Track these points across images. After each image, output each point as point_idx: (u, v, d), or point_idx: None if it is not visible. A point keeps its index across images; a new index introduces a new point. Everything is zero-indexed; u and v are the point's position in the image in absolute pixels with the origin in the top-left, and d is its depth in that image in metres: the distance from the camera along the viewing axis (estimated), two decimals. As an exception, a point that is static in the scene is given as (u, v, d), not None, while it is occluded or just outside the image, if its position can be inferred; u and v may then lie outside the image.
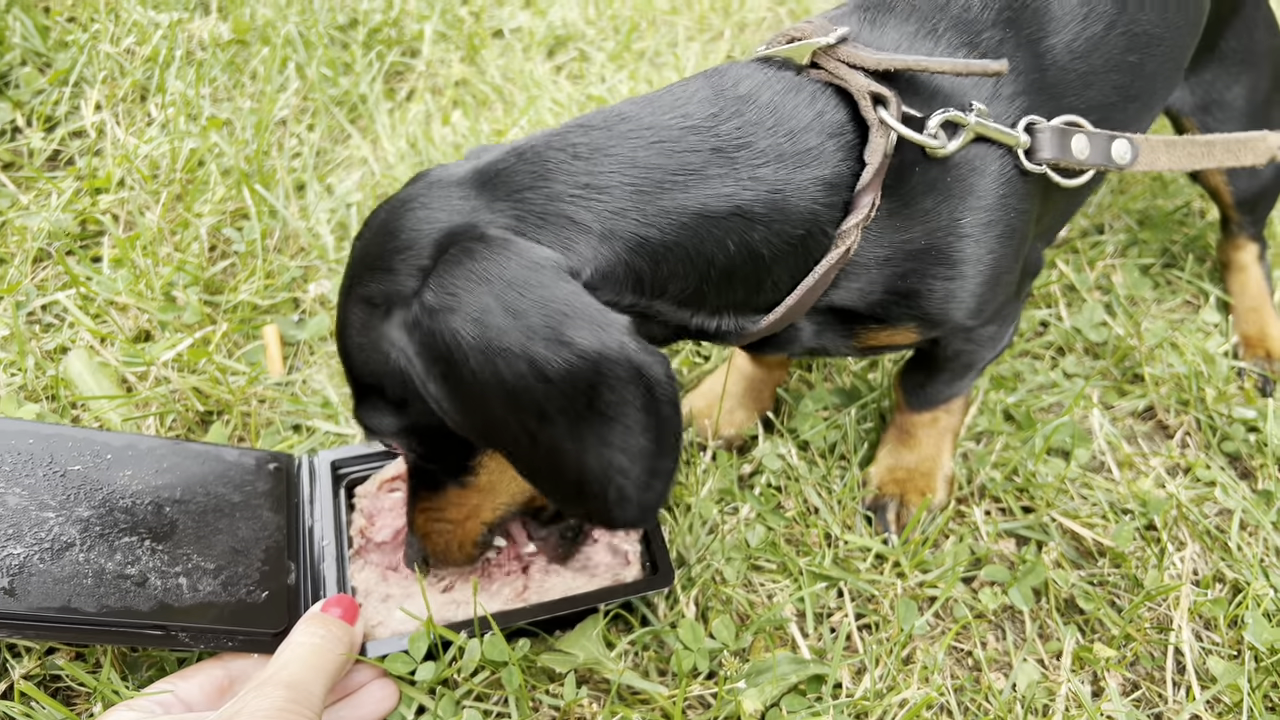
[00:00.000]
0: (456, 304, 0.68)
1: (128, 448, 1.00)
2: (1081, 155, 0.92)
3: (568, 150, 0.77)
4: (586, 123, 0.80)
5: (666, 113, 0.80)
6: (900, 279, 0.90)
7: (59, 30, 1.78)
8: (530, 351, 0.67)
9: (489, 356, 0.68)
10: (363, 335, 0.77)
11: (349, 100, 1.76)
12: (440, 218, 0.75)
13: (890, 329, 0.95)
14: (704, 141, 0.79)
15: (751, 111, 0.81)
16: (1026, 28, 0.92)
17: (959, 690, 1.02)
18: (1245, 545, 1.15)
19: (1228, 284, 1.50)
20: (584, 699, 0.97)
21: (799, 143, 0.81)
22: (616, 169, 0.76)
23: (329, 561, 1.01)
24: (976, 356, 1.09)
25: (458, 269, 0.70)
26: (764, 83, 0.83)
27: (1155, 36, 1.01)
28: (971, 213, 0.89)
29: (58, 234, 1.43)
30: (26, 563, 0.85)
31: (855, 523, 1.16)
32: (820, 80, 0.84)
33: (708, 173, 0.78)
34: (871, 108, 0.82)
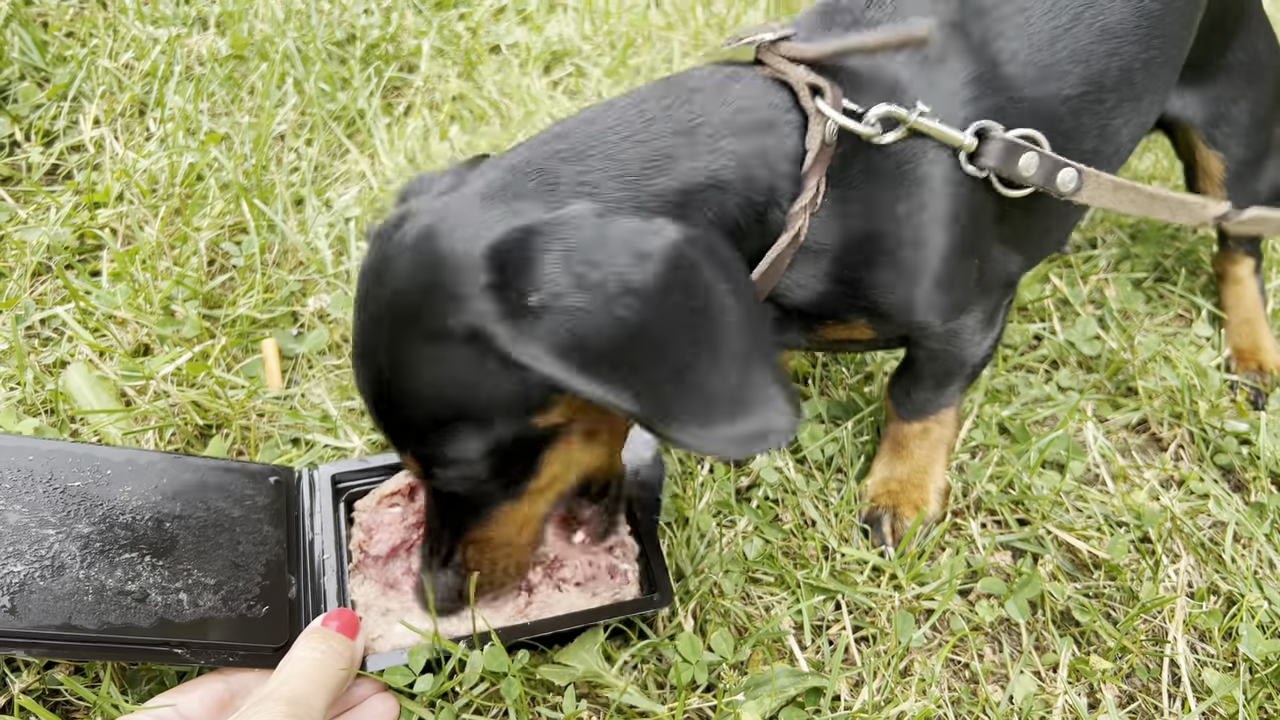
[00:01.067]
0: (555, 293, 0.71)
1: (127, 463, 1.00)
2: (1027, 173, 0.94)
3: (556, 157, 0.82)
4: (562, 131, 0.85)
5: (628, 110, 0.85)
6: (847, 269, 0.93)
7: (57, 45, 1.79)
8: (630, 281, 0.72)
9: (605, 314, 0.71)
10: (439, 369, 0.77)
11: (347, 115, 1.77)
12: (480, 234, 0.76)
13: (844, 324, 0.98)
14: (666, 127, 0.84)
15: (701, 98, 0.87)
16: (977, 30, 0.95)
17: (956, 702, 1.02)
18: (1239, 557, 1.16)
19: (1222, 297, 1.51)
20: (583, 711, 0.97)
21: (751, 117, 0.86)
22: (602, 166, 0.81)
23: (329, 575, 1.01)
24: (955, 360, 1.09)
25: (536, 264, 0.73)
26: (709, 75, 0.89)
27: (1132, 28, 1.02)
28: (910, 200, 0.92)
29: (57, 248, 1.43)
30: (27, 580, 0.85)
31: (852, 535, 1.17)
32: (764, 75, 0.89)
33: (678, 153, 0.83)
34: (810, 98, 0.86)
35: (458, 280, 0.74)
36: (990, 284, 1.04)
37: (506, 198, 0.79)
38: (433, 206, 0.81)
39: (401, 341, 0.78)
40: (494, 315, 0.73)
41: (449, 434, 0.80)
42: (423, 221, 0.79)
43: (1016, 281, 1.09)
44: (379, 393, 0.81)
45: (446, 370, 0.77)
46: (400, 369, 0.79)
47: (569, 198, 0.79)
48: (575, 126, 0.85)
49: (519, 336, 0.72)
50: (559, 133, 0.85)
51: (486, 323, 0.73)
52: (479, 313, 0.73)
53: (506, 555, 0.93)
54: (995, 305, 1.08)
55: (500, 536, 0.91)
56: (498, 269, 0.73)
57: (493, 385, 0.76)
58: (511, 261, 0.73)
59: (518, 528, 0.92)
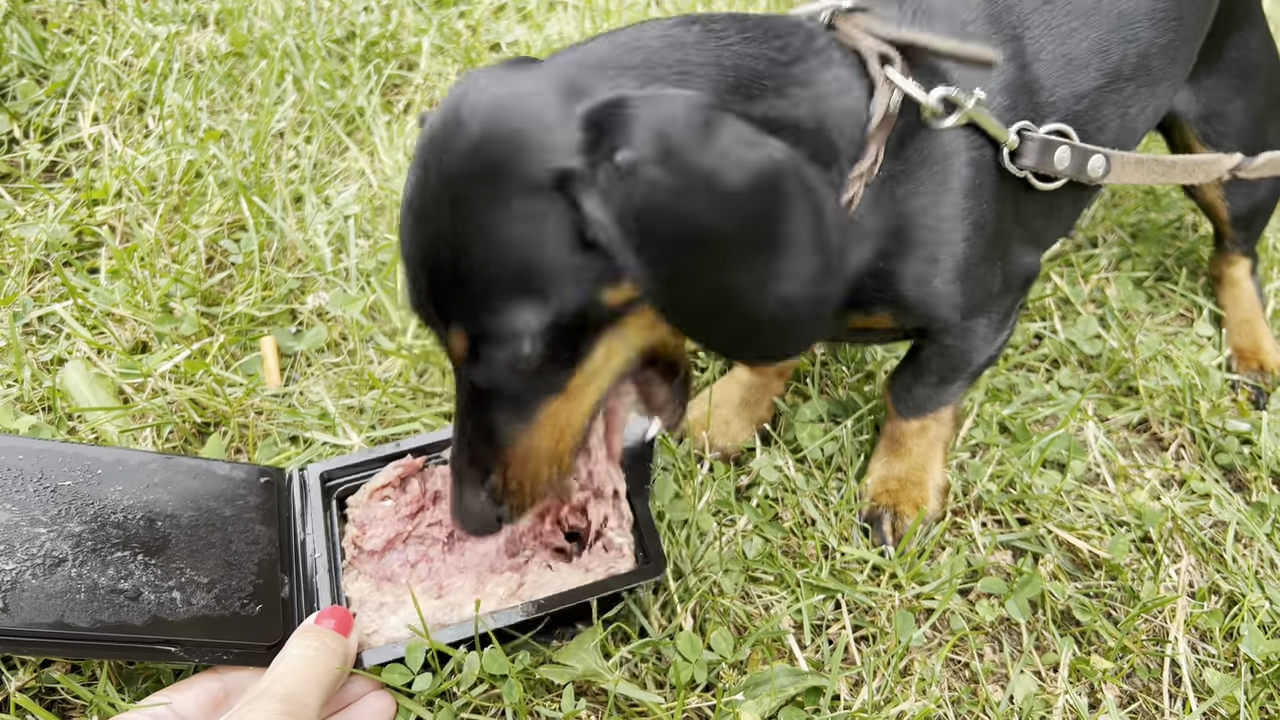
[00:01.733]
0: (643, 157, 0.68)
1: (118, 463, 1.00)
2: (1061, 166, 0.97)
3: (659, 39, 0.80)
4: (665, 23, 0.83)
5: (731, 22, 0.84)
6: (885, 258, 0.93)
7: (56, 42, 1.78)
8: (720, 180, 0.69)
9: (682, 204, 0.69)
10: (516, 225, 0.73)
11: (346, 113, 1.77)
12: (568, 98, 0.73)
13: (867, 314, 0.99)
14: (766, 51, 0.83)
15: (793, 41, 0.86)
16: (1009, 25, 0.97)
17: (956, 702, 1.02)
18: (1240, 557, 1.16)
19: (1220, 298, 1.51)
20: (582, 710, 0.97)
21: (832, 72, 0.86)
22: (705, 64, 0.79)
23: (322, 573, 1.00)
24: (965, 358, 1.10)
25: (632, 125, 0.70)
26: (800, 23, 0.89)
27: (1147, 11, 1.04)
28: (952, 194, 0.93)
29: (55, 245, 1.43)
30: (19, 578, 0.85)
31: (852, 534, 1.16)
32: (836, 38, 0.89)
33: (770, 83, 0.82)
34: (879, 65, 0.87)
35: (548, 135, 0.72)
36: (1010, 283, 1.05)
37: (603, 71, 0.76)
38: (509, 74, 0.77)
39: (476, 195, 0.74)
40: (581, 163, 0.70)
41: (511, 302, 0.75)
42: (504, 85, 0.76)
43: (1034, 280, 1.10)
44: (437, 256, 0.76)
45: (524, 226, 0.73)
46: (469, 225, 0.74)
47: (667, 81, 0.77)
48: (674, 23, 0.83)
49: (591, 189, 0.70)
50: (655, 26, 0.82)
51: (571, 178, 0.70)
52: (567, 160, 0.71)
53: (548, 466, 0.88)
54: (1011, 304, 1.09)
55: (543, 444, 0.86)
56: (594, 125, 0.71)
57: (569, 245, 0.73)
58: (609, 119, 0.71)
59: (560, 431, 0.86)
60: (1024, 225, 1.03)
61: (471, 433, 0.86)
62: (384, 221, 1.56)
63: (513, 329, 0.76)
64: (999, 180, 0.96)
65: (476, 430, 0.86)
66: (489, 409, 0.84)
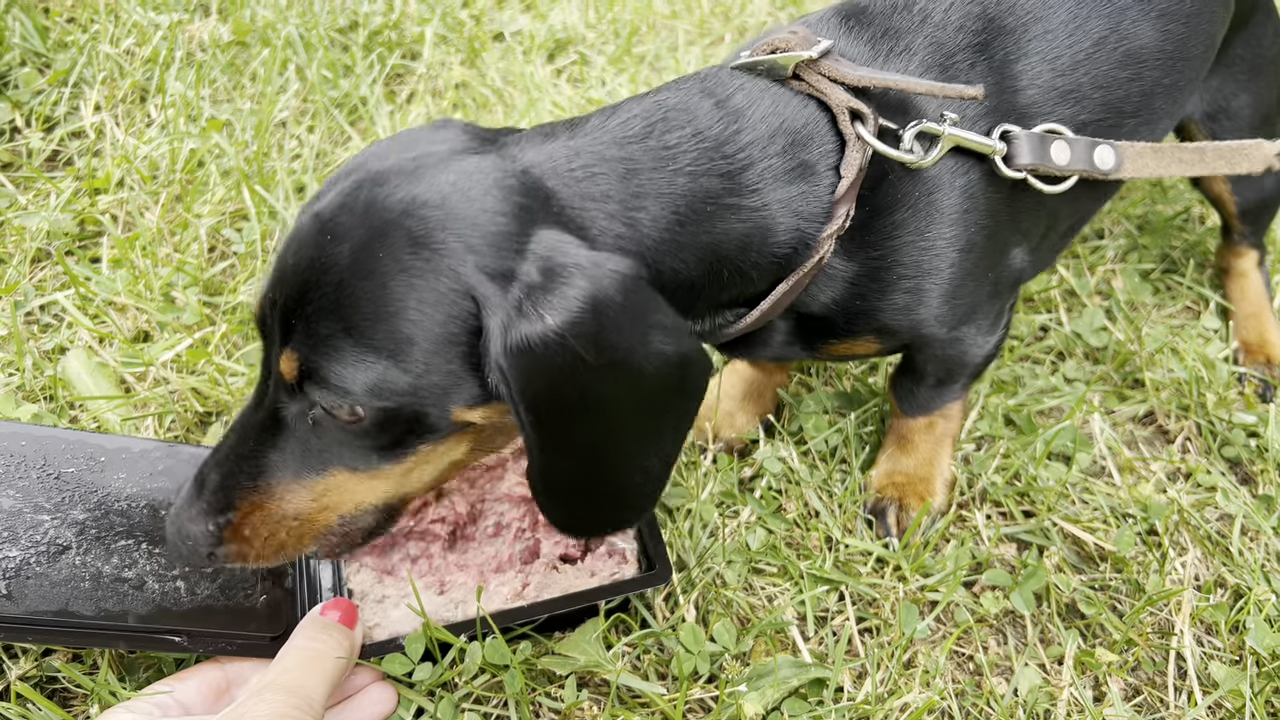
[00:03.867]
0: (572, 330, 0.69)
1: (121, 450, 1.00)
2: (1061, 161, 0.93)
3: (616, 164, 0.79)
4: (624, 133, 0.81)
5: (683, 127, 0.82)
6: (863, 297, 0.92)
7: (58, 31, 1.78)
8: (632, 363, 0.72)
9: (598, 372, 0.71)
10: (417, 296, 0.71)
11: (349, 102, 1.76)
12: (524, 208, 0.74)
13: (850, 341, 0.98)
14: (718, 166, 0.82)
15: (749, 128, 0.84)
16: (999, 51, 0.94)
17: (960, 695, 1.01)
18: (1246, 550, 1.15)
19: (1227, 290, 1.50)
20: (584, 702, 0.96)
21: (791, 158, 0.85)
22: (658, 195, 0.79)
23: (325, 564, 1.00)
24: (957, 362, 1.08)
25: (571, 295, 0.70)
26: (757, 96, 0.86)
27: (1155, 51, 1.01)
28: (934, 226, 0.91)
29: (57, 234, 1.42)
30: (23, 566, 0.85)
31: (856, 526, 1.16)
32: (803, 93, 0.87)
33: (723, 201, 0.81)
34: (849, 123, 0.85)
35: (493, 242, 0.72)
36: (1000, 288, 1.04)
37: (552, 195, 0.76)
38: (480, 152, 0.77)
39: (398, 248, 0.71)
40: (508, 304, 0.70)
41: (370, 359, 0.71)
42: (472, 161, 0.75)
43: (1024, 279, 1.08)
44: (323, 274, 0.72)
45: (426, 306, 0.71)
46: (376, 268, 0.71)
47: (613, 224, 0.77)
48: (639, 129, 0.81)
49: (514, 344, 0.69)
50: (623, 135, 0.81)
51: (496, 307, 0.70)
52: (493, 290, 0.70)
53: (298, 534, 0.82)
54: (1002, 307, 1.07)
55: (308, 509, 0.81)
56: (534, 261, 0.71)
57: (457, 351, 0.72)
58: (551, 272, 0.71)
59: (334, 506, 0.82)
60: (1018, 230, 1.00)
61: (240, 453, 0.80)
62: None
63: (354, 385, 0.72)
64: (990, 200, 0.93)
65: (248, 455, 0.80)
66: (276, 444, 0.79)
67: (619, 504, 0.83)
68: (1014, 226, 0.99)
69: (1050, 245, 1.11)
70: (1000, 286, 1.03)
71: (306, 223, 0.76)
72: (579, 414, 0.74)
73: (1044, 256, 1.13)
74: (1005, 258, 1.01)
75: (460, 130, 0.82)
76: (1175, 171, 1.03)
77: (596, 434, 0.76)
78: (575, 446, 0.76)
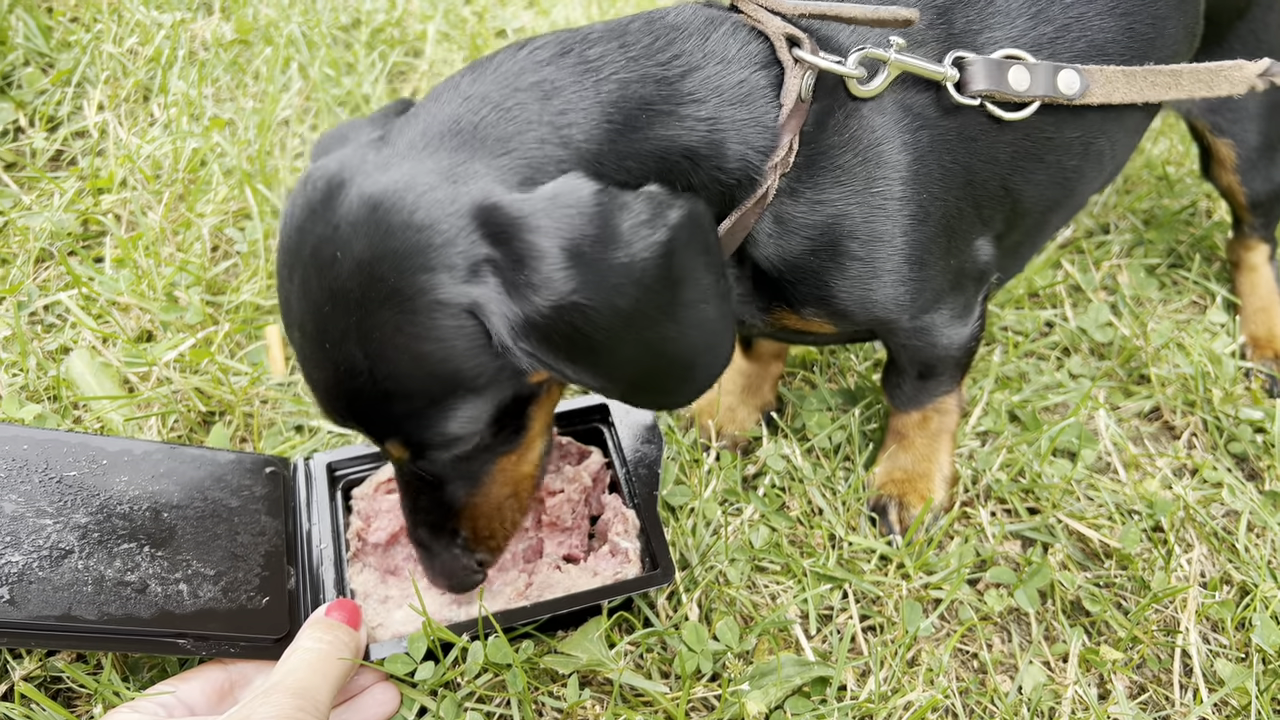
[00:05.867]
0: (557, 283, 0.67)
1: (122, 453, 1.00)
2: (1020, 86, 0.89)
3: (532, 90, 0.76)
4: (537, 58, 0.78)
5: (607, 42, 0.80)
6: (811, 254, 0.89)
7: (62, 30, 1.78)
8: (630, 273, 0.69)
9: (606, 308, 0.69)
10: (432, 346, 0.71)
11: (352, 100, 1.76)
12: (454, 192, 0.70)
13: (803, 316, 0.95)
14: (651, 73, 0.79)
15: (684, 41, 0.82)
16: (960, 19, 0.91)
17: (964, 693, 1.01)
18: (1253, 547, 1.15)
19: (1236, 284, 1.49)
20: (587, 700, 0.96)
21: (730, 76, 0.82)
22: (586, 108, 0.76)
23: (327, 565, 1.00)
24: (929, 354, 1.06)
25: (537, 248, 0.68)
26: (692, 15, 0.85)
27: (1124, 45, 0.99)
28: (886, 183, 0.88)
29: (60, 234, 1.43)
30: (26, 570, 0.85)
31: (860, 524, 1.16)
32: (739, 22, 0.85)
33: (660, 107, 0.79)
34: (786, 49, 0.83)
35: (447, 250, 0.69)
36: (962, 279, 1.00)
37: (470, 143, 0.73)
38: (379, 162, 0.73)
39: (383, 319, 0.70)
40: (494, 295, 0.69)
41: (446, 410, 0.74)
42: (374, 183, 0.71)
43: (990, 273, 1.04)
44: (355, 384, 0.73)
45: (438, 345, 0.71)
46: (385, 350, 0.71)
47: (547, 144, 0.74)
48: (552, 52, 0.78)
49: (520, 327, 0.69)
50: (536, 58, 0.78)
51: (487, 302, 0.69)
52: (478, 289, 0.69)
53: (510, 514, 0.90)
54: (969, 298, 1.04)
55: (499, 496, 0.87)
56: (495, 241, 0.69)
57: (488, 353, 0.72)
58: (507, 235, 0.69)
59: (514, 485, 0.88)
60: (983, 218, 0.97)
61: (427, 507, 0.87)
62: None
63: (454, 433, 0.77)
64: (944, 165, 0.90)
65: (431, 504, 0.86)
66: (439, 486, 0.85)
67: (700, 363, 0.80)
68: (972, 203, 0.95)
69: (1017, 241, 1.08)
70: (964, 277, 1.00)
71: (298, 340, 0.76)
72: (617, 342, 0.72)
73: (1013, 256, 1.10)
74: (968, 245, 0.98)
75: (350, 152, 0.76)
76: (1150, 96, 0.97)
77: (641, 343, 0.74)
78: (629, 359, 0.74)
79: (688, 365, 0.79)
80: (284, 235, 0.76)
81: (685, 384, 0.81)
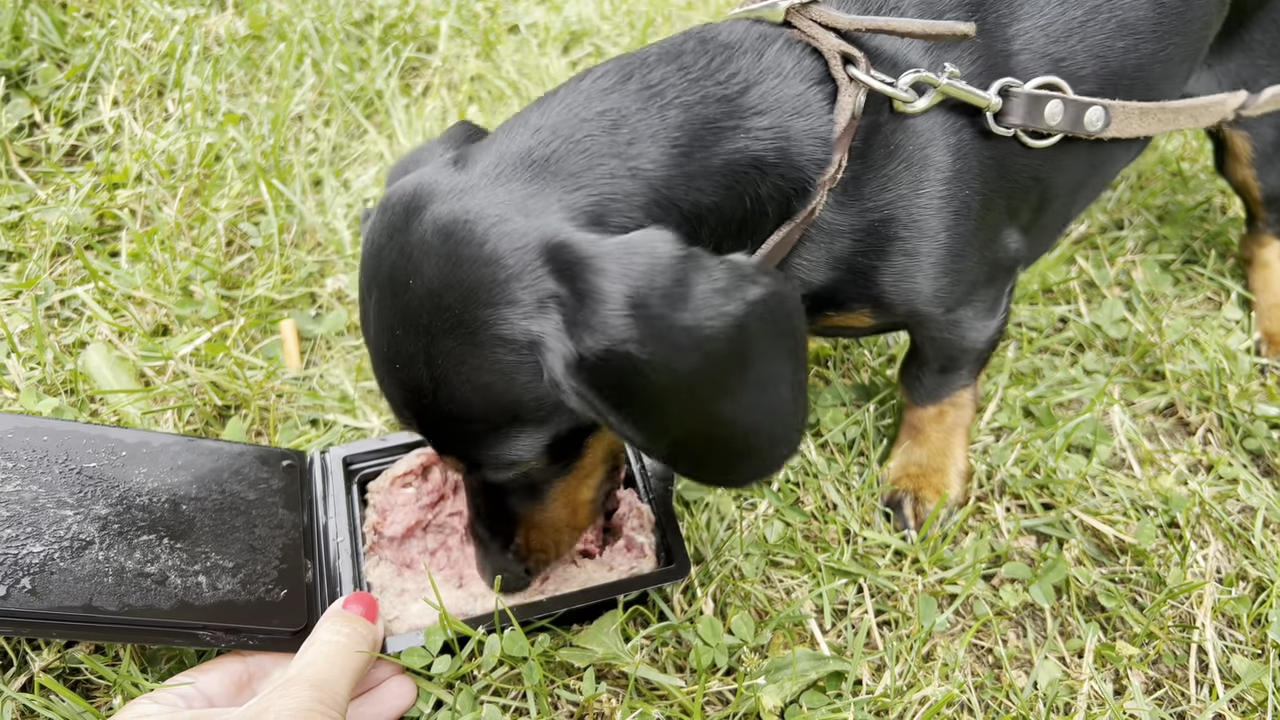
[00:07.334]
0: (619, 332, 0.66)
1: (141, 445, 1.00)
2: (1053, 121, 0.92)
3: (599, 120, 0.77)
4: (601, 86, 0.79)
5: (667, 64, 0.81)
6: (857, 255, 0.91)
7: (76, 26, 1.78)
8: (697, 337, 0.68)
9: (661, 365, 0.67)
10: (495, 377, 0.73)
11: (365, 96, 1.76)
12: (524, 226, 0.71)
13: (846, 312, 0.96)
14: (713, 92, 0.80)
15: (740, 58, 0.83)
16: (991, 14, 0.93)
17: (980, 688, 1.01)
18: (1269, 543, 1.14)
19: (1250, 280, 1.48)
20: (602, 694, 0.96)
21: (788, 89, 0.83)
22: (653, 135, 0.77)
23: (344, 558, 1.00)
24: (957, 347, 1.08)
25: (603, 294, 0.67)
26: (745, 32, 0.86)
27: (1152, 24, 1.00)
28: (929, 185, 0.90)
29: (76, 229, 1.43)
30: (47, 561, 0.85)
31: (874, 519, 1.16)
32: (795, 38, 0.86)
33: (724, 125, 0.79)
34: (841, 66, 0.84)
35: (514, 283, 0.70)
36: (995, 271, 1.02)
37: (542, 176, 0.74)
38: (454, 188, 0.74)
39: (448, 348, 0.72)
40: (554, 331, 0.69)
41: (504, 437, 0.77)
42: (448, 210, 0.73)
43: (1019, 263, 1.07)
44: (421, 403, 0.77)
45: (502, 377, 0.73)
46: (449, 377, 0.73)
47: (619, 178, 0.75)
48: (614, 80, 0.80)
49: (572, 365, 0.68)
50: (600, 87, 0.79)
51: (547, 338, 0.69)
52: (540, 325, 0.70)
53: (566, 534, 0.93)
54: (999, 291, 1.06)
55: (557, 517, 0.91)
56: (561, 278, 0.69)
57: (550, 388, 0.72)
58: (575, 278, 0.69)
59: (572, 508, 0.91)
60: (1012, 209, 0.99)
61: (487, 510, 0.91)
62: (403, 204, 1.55)
63: (509, 458, 0.79)
64: (982, 161, 0.92)
65: (492, 508, 0.90)
66: (501, 495, 0.89)
67: (759, 448, 0.78)
68: (1005, 199, 0.97)
69: (1044, 225, 1.09)
70: (996, 270, 1.02)
71: (375, 358, 0.79)
72: (669, 399, 0.70)
73: (1038, 241, 1.12)
74: (1000, 237, 1.00)
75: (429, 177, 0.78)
76: (1155, 129, 1.02)
77: (697, 406, 0.72)
78: (677, 424, 0.72)
79: (743, 448, 0.77)
80: (365, 255, 0.78)
81: (737, 465, 0.79)
